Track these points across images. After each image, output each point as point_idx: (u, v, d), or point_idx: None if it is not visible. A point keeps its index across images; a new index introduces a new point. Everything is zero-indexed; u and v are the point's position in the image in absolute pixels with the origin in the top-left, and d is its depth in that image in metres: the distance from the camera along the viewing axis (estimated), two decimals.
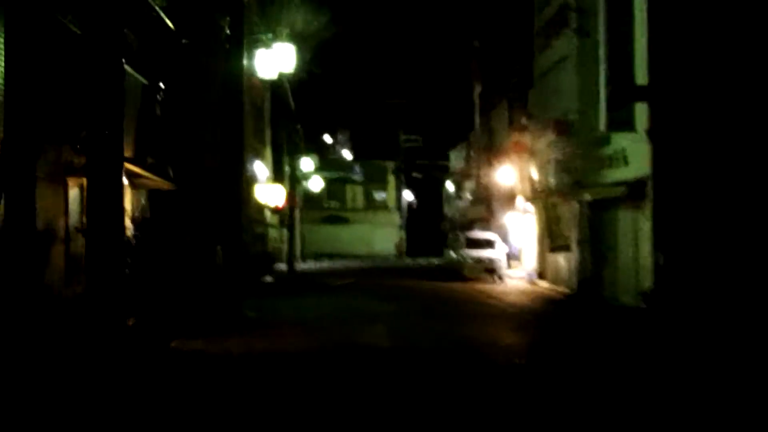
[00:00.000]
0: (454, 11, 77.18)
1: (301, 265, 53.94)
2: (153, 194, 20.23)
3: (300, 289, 33.85)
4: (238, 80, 21.86)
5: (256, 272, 38.22)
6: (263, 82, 54.20)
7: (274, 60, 23.53)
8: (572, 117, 30.71)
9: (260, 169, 49.40)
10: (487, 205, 52.09)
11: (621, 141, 25.68)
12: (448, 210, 76.77)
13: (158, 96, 19.83)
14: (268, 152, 56.35)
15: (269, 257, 50.94)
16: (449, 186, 76.43)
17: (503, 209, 47.40)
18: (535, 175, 37.35)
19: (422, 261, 66.73)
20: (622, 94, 22.89)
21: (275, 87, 55.98)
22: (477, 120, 60.07)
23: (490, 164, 50.93)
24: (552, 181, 32.17)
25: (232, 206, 21.02)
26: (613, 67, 23.24)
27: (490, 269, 39.40)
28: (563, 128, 30.94)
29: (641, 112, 23.46)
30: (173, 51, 20.81)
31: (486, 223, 51.74)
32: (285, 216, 51.71)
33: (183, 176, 21.05)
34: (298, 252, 60.42)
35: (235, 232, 21.06)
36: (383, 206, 79.38)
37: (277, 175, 54.92)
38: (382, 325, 20.94)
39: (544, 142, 34.13)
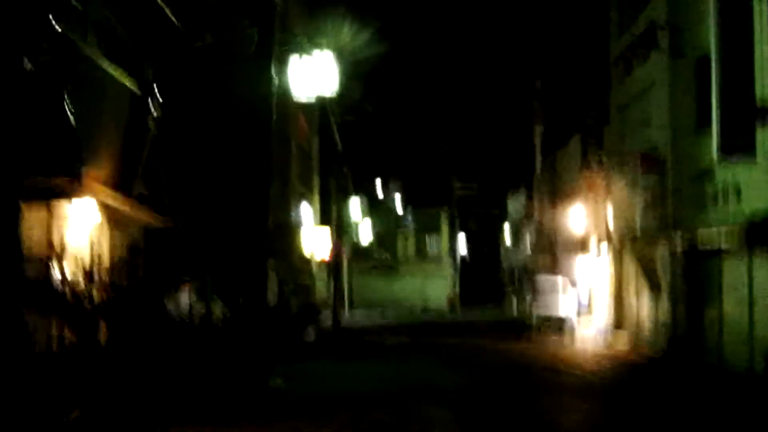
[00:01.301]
0: (512, 54, 73.46)
1: (348, 319, 49.74)
2: (151, 234, 16.15)
3: (345, 349, 29.56)
4: (267, 99, 17.89)
5: (296, 328, 34.40)
6: (311, 122, 51.10)
7: (313, 75, 19.26)
8: (662, 150, 26.43)
9: (306, 215, 45.84)
10: (551, 254, 47.53)
11: (731, 173, 21.32)
12: (505, 260, 72.19)
13: (153, 109, 15.68)
14: (316, 199, 53.29)
15: (314, 310, 47.15)
16: (506, 235, 71.84)
17: (570, 258, 42.90)
18: (611, 219, 32.92)
19: (478, 313, 62.36)
20: (739, 117, 18.52)
21: (323, 130, 52.67)
22: (538, 164, 55.98)
23: (554, 210, 46.58)
24: (636, 224, 27.78)
25: (257, 252, 16.99)
26: (726, 85, 18.89)
27: (559, 326, 34.85)
28: (651, 163, 26.62)
29: (763, 138, 19.09)
30: (181, 56, 16.84)
31: (552, 272, 47.18)
32: (332, 265, 47.61)
33: (188, 212, 16.94)
34: (345, 305, 56.54)
35: (259, 284, 17.00)
36: (436, 256, 75.27)
37: (324, 223, 51.27)
38: (446, 407, 16.46)
39: (624, 180, 29.78)
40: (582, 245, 40.24)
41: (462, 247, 77.34)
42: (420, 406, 16.18)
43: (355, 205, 59.45)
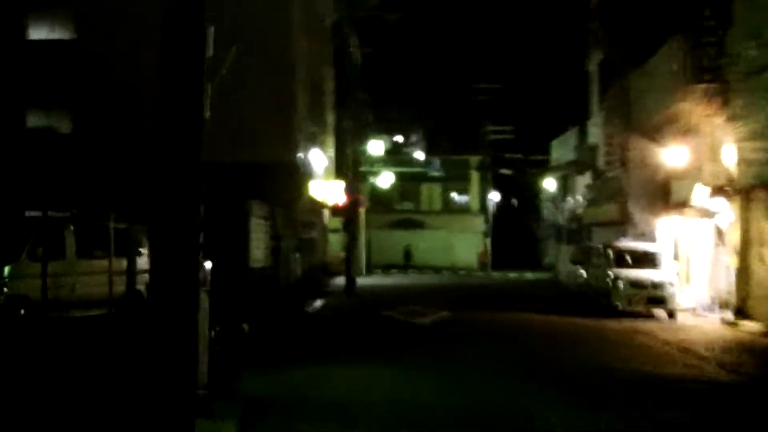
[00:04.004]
0: None
1: (365, 280, 40.99)
2: None
3: (362, 334, 20.36)
4: None
5: (299, 296, 26.07)
6: (323, 52, 42.49)
7: None
8: None
9: (318, 159, 37.38)
10: (620, 205, 38.26)
11: None
12: (547, 213, 63.09)
13: None
14: (329, 141, 45.13)
15: (324, 271, 38.95)
16: (548, 184, 62.72)
17: (650, 210, 33.81)
18: (734, 155, 23.78)
19: (515, 275, 53.70)
20: None
21: (338, 60, 43.98)
22: (595, 97, 46.78)
23: (625, 149, 37.30)
24: None
25: (180, 180, 7.99)
26: None
27: (656, 298, 25.69)
28: None
29: None
30: None
31: (618, 228, 37.99)
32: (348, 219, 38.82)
33: None
34: (363, 263, 48.00)
35: (189, 235, 8.01)
36: (465, 209, 67.58)
37: (339, 169, 42.91)
38: None
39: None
40: (666, 193, 31.28)
41: (495, 198, 68.60)
42: None
43: (374, 148, 51.19)
